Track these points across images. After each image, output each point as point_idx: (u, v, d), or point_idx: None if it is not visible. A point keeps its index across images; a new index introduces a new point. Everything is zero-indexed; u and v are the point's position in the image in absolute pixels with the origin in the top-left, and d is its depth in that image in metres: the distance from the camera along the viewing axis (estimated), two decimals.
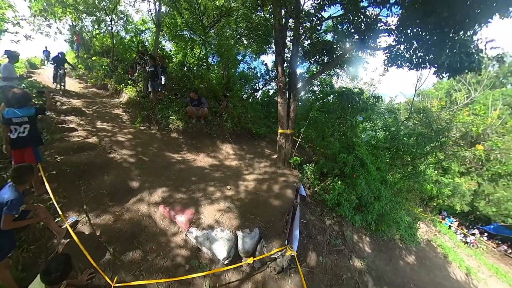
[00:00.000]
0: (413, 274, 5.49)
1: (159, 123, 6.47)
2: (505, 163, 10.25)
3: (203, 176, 4.36)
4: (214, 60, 11.39)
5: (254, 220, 2.92)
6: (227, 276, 2.88)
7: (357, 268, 3.69)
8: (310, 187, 4.83)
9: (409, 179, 7.16)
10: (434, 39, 3.67)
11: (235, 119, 6.40)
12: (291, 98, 4.59)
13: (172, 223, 3.35)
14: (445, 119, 10.56)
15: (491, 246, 12.52)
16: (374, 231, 5.10)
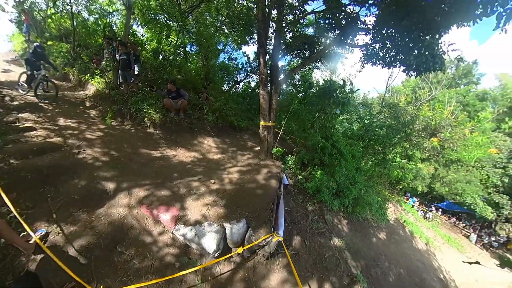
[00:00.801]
0: (384, 247, 6.25)
1: (133, 117, 6.04)
2: (455, 150, 11.91)
3: (185, 171, 4.26)
4: (192, 49, 10.69)
5: (241, 211, 3.00)
6: (218, 268, 2.94)
7: (337, 247, 4.06)
8: (292, 176, 5.06)
9: (380, 166, 8.00)
10: (405, 41, 4.05)
11: (216, 112, 6.26)
12: (273, 91, 4.66)
13: (157, 223, 3.25)
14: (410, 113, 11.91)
15: (444, 219, 14.78)
16: (351, 213, 5.62)
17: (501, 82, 18.93)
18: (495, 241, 13.23)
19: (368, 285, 4.07)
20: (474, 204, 12.23)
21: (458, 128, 11.93)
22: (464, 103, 16.09)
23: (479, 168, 13.29)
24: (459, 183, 12.54)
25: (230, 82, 12.07)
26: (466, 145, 11.75)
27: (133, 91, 6.49)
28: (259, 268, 2.91)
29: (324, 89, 5.28)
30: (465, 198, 12.41)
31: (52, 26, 10.88)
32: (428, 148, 12.27)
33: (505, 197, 12.35)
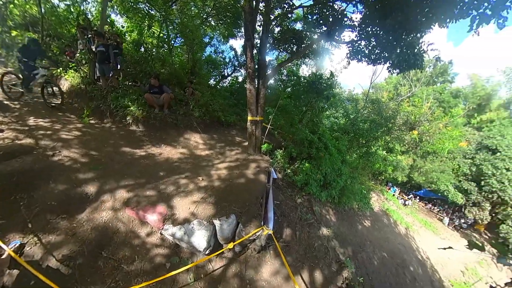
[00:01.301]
0: (369, 234, 6.63)
1: (113, 115, 5.69)
2: (431, 143, 12.82)
3: (172, 169, 4.15)
4: (177, 41, 10.12)
5: (230, 207, 2.99)
6: (210, 265, 2.94)
7: (326, 236, 4.23)
8: (281, 170, 5.13)
9: (363, 158, 8.41)
10: (389, 39, 4.21)
11: (203, 108, 6.09)
12: (261, 85, 4.63)
13: (144, 224, 3.14)
14: (392, 108, 12.60)
15: (421, 206, 16.01)
16: (338, 203, 5.86)
17: (472, 82, 20.67)
18: (464, 223, 14.66)
19: (355, 269, 4.32)
20: (447, 191, 13.32)
21: (434, 122, 12.83)
22: (440, 100, 17.30)
23: (451, 158, 14.46)
24: (434, 172, 13.57)
25: (217, 77, 11.70)
26: (441, 138, 12.70)
27: (113, 87, 6.07)
28: (251, 262, 2.95)
29: (310, 82, 5.35)
30: (439, 185, 13.48)
31: (16, 13, 9.71)
32: (407, 141, 13.11)
33: (473, 184, 13.60)
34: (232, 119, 6.58)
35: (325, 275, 3.41)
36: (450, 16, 3.33)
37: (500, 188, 12.41)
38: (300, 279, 3.08)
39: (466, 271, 10.07)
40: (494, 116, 17.76)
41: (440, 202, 16.29)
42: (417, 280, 6.78)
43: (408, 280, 6.39)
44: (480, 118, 18.43)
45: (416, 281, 6.71)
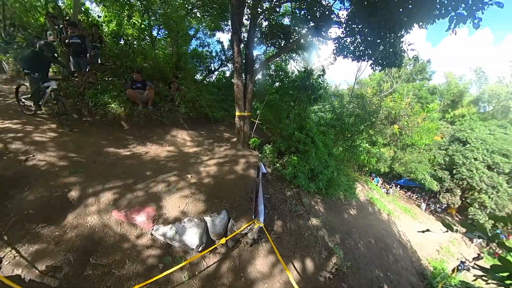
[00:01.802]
0: (355, 221, 6.99)
1: (92, 113, 5.36)
2: (410, 136, 13.74)
3: (159, 168, 4.04)
4: (160, 33, 9.53)
5: (220, 203, 3.01)
6: (204, 262, 2.95)
7: (315, 226, 4.41)
8: (270, 165, 5.20)
9: (349, 151, 8.77)
10: (374, 37, 4.39)
11: (189, 104, 5.92)
12: (248, 80, 4.60)
13: (133, 226, 3.05)
14: (375, 103, 13.21)
15: (401, 194, 17.21)
16: (325, 194, 6.10)
17: (447, 80, 22.25)
18: (438, 207, 16.08)
19: (343, 255, 4.57)
20: (424, 179, 14.46)
21: (413, 117, 13.71)
22: (419, 96, 18.45)
23: (428, 150, 15.69)
24: (413, 163, 14.64)
25: (203, 72, 11.28)
26: (419, 132, 13.65)
27: (91, 82, 5.69)
28: (245, 255, 3.01)
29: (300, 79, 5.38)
30: (417, 175, 14.58)
31: None
32: (389, 134, 13.91)
33: (446, 173, 14.87)
34: (220, 115, 6.48)
35: (316, 262, 3.58)
36: (431, 16, 3.56)
37: (469, 176, 13.70)
38: (292, 268, 3.21)
39: (441, 250, 11.07)
40: (465, 112, 19.46)
41: (418, 189, 17.62)
42: (399, 261, 7.32)
43: (391, 261, 6.87)
44: (453, 113, 20.10)
45: (398, 261, 7.23)
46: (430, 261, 9.31)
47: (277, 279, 2.92)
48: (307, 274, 3.29)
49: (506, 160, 13.21)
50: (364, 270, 5.07)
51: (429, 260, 9.35)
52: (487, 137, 14.35)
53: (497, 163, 13.30)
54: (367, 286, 4.63)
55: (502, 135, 14.53)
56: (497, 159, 13.35)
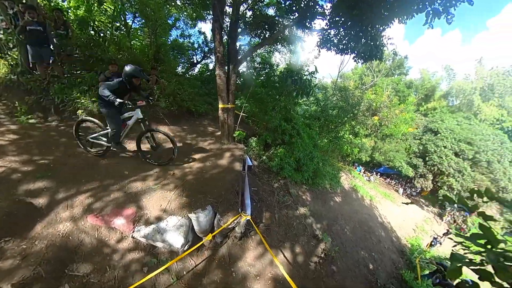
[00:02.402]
0: (340, 208, 7.24)
1: (60, 110, 4.82)
2: (389, 127, 14.53)
3: (138, 167, 3.77)
4: (136, 22, 8.63)
5: (205, 198, 2.87)
6: (192, 260, 2.81)
7: (303, 215, 4.46)
8: (257, 157, 5.13)
9: (333, 142, 9.01)
10: (356, 30, 4.47)
11: (169, 97, 5.56)
12: (231, 71, 4.42)
13: (112, 230, 2.83)
14: (357, 96, 13.68)
15: (381, 180, 18.28)
16: (312, 184, 6.20)
17: (421, 76, 23.85)
18: (414, 191, 17.49)
19: (331, 240, 4.71)
20: (401, 166, 15.53)
21: (392, 109, 14.45)
22: (397, 90, 19.51)
23: (404, 140, 16.84)
24: (391, 152, 15.57)
25: (185, 64, 10.48)
26: (397, 123, 14.48)
27: (55, 76, 5.06)
28: (234, 250, 2.93)
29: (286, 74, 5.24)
30: (395, 163, 15.62)
31: None
32: (370, 125, 14.56)
33: (420, 160, 16.09)
34: (203, 109, 6.17)
35: (305, 250, 3.62)
36: (410, 11, 3.74)
37: (439, 162, 14.95)
38: (282, 257, 3.20)
39: (416, 229, 11.99)
40: (436, 105, 21.15)
41: (396, 176, 18.86)
42: (381, 241, 7.75)
43: (374, 242, 7.25)
44: (426, 107, 21.76)
45: (381, 242, 7.66)
46: (408, 239, 10.02)
47: (268, 270, 2.89)
48: (297, 262, 3.32)
49: (470, 147, 14.60)
50: (351, 253, 5.29)
51: (407, 239, 10.06)
52: (455, 128, 15.73)
53: (462, 150, 14.64)
54: (354, 266, 4.83)
55: (467, 126, 16.00)
56: (462, 147, 14.69)
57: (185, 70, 10.05)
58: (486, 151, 14.39)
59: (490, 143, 14.67)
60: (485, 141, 14.70)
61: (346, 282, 4.02)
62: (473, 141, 14.76)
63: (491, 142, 14.75)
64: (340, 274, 4.07)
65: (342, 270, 4.21)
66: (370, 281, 4.74)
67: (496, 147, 14.62)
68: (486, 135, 15.09)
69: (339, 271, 4.10)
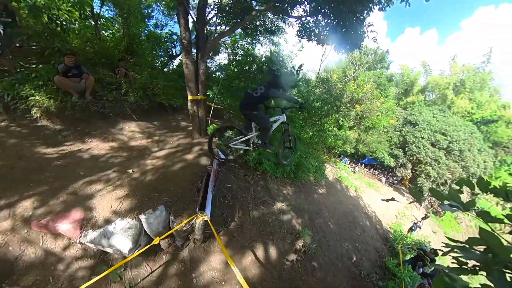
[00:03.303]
0: (324, 200, 7.02)
1: (10, 109, 4.18)
2: (371, 118, 14.72)
3: (96, 166, 3.28)
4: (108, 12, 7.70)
5: (159, 197, 2.47)
6: (147, 266, 2.42)
7: (281, 210, 4.13)
8: (233, 152, 4.73)
9: (317, 135, 8.78)
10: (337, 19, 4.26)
11: (139, 91, 5.00)
12: (200, 59, 3.96)
13: (58, 237, 2.43)
14: (340, 88, 13.63)
15: (366, 171, 18.57)
16: (294, 178, 5.90)
17: (401, 71, 24.44)
18: (395, 179, 17.95)
19: (313, 235, 4.43)
20: (383, 157, 15.93)
21: (373, 100, 14.61)
22: (378, 83, 19.81)
23: (386, 132, 17.29)
24: (374, 143, 15.89)
25: (164, 57, 9.49)
26: (379, 115, 14.69)
27: (4, 70, 4.39)
28: (197, 253, 2.55)
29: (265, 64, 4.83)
30: (378, 154, 15.99)
31: None
32: (353, 117, 14.64)
33: (400, 151, 16.58)
34: (178, 103, 5.60)
35: (281, 248, 3.31)
36: None
37: (417, 152, 15.57)
38: (253, 258, 2.86)
39: (398, 215, 12.19)
40: (415, 99, 22.04)
41: (379, 166, 19.26)
42: (366, 231, 7.65)
43: (359, 232, 7.12)
44: (406, 101, 22.61)
45: (365, 231, 7.56)
46: (391, 225, 10.09)
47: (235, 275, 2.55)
48: (270, 262, 2.99)
49: (444, 137, 15.38)
50: (334, 246, 5.07)
51: (390, 225, 10.13)
52: (431, 120, 16.51)
53: (438, 140, 15.35)
54: (337, 260, 4.61)
55: (442, 118, 16.80)
56: (438, 137, 15.41)
57: (163, 63, 9.05)
58: (458, 140, 15.12)
59: (462, 133, 15.43)
60: (458, 132, 15.45)
61: (328, 278, 3.77)
62: (447, 132, 15.49)
63: (463, 133, 15.51)
64: (322, 270, 3.82)
65: (324, 266, 3.96)
66: (353, 273, 4.54)
67: (467, 137, 15.40)
68: (458, 126, 15.87)
69: (321, 267, 3.85)
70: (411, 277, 4.87)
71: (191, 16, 4.12)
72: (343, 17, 4.20)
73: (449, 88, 20.98)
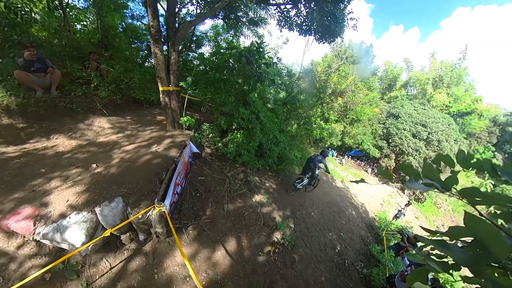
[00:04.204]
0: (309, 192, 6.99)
1: None
2: (354, 110, 14.97)
3: (59, 164, 3.04)
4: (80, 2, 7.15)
5: (118, 189, 2.29)
6: (107, 263, 2.26)
7: (259, 203, 4.02)
8: (211, 144, 4.58)
9: (302, 127, 8.74)
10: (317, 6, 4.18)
11: (111, 85, 4.69)
12: (170, 48, 3.73)
13: (11, 235, 2.25)
14: (323, 79, 13.66)
15: (352, 162, 18.96)
16: (277, 170, 5.82)
17: (385, 67, 25.00)
18: None
19: (293, 227, 4.36)
20: (368, 149, 16.32)
21: (356, 92, 14.81)
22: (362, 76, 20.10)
23: (370, 124, 17.64)
24: (359, 135, 16.23)
25: (144, 51, 8.68)
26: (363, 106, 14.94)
27: None
28: (161, 248, 2.40)
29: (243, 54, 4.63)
30: (363, 145, 16.34)
31: None
32: (337, 109, 14.80)
33: (384, 142, 17.04)
34: (155, 97, 5.34)
35: (255, 242, 3.19)
36: None
37: (400, 143, 16.12)
38: (224, 252, 2.75)
39: (383, 203, 12.51)
40: (398, 94, 22.82)
41: (365, 158, 19.68)
42: (351, 220, 7.71)
43: (344, 222, 7.14)
44: (390, 95, 23.39)
45: (350, 220, 7.61)
46: (376, 213, 10.31)
47: (203, 269, 2.43)
48: (243, 255, 2.88)
49: (424, 129, 16.07)
50: (317, 236, 5.00)
51: (375, 213, 10.35)
52: (412, 112, 17.18)
53: (418, 131, 15.99)
54: (320, 251, 4.50)
55: (422, 111, 17.51)
56: (418, 129, 16.04)
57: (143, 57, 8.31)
58: (437, 131, 15.83)
59: (440, 125, 16.17)
60: (436, 123, 16.18)
61: (309, 270, 3.68)
62: (427, 124, 16.16)
63: (441, 124, 16.27)
64: (303, 262, 3.72)
65: (305, 257, 3.87)
66: (337, 263, 4.47)
67: (444, 128, 16.19)
68: (437, 118, 16.61)
69: (302, 259, 3.75)
70: (394, 263, 4.92)
71: (160, 4, 3.86)
72: (323, 4, 4.10)
73: (429, 83, 21.89)
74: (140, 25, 8.38)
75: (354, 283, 4.10)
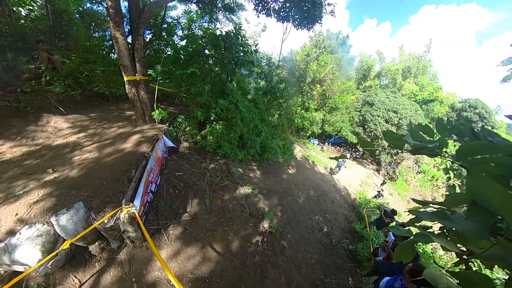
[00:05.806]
0: (293, 179, 7.08)
1: None
2: (332, 98, 15.47)
3: (5, 173, 2.54)
4: None
5: (78, 193, 1.98)
6: (75, 279, 1.97)
7: (243, 194, 3.90)
8: (189, 138, 4.28)
9: (284, 117, 8.71)
10: None
11: (67, 79, 4.05)
12: (134, 32, 3.27)
13: None
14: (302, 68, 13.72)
15: (333, 149, 20.04)
16: (260, 160, 5.73)
17: (361, 58, 26.17)
18: (358, 154, 19.76)
19: (280, 215, 4.35)
20: (346, 135, 17.49)
21: (335, 80, 15.26)
22: (340, 66, 20.76)
23: (348, 112, 18.64)
24: (338, 123, 17.17)
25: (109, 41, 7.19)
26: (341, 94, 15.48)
27: None
28: (139, 254, 2.18)
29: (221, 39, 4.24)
30: (342, 132, 17.44)
31: None
32: (316, 97, 15.20)
33: (361, 128, 18.26)
34: (122, 91, 4.71)
35: (242, 234, 3.10)
36: None
37: (374, 128, 17.51)
38: (209, 249, 2.60)
39: (362, 184, 13.36)
40: (372, 83, 24.58)
41: (344, 144, 20.89)
42: (335, 202, 8.06)
43: (328, 204, 7.42)
44: (365, 85, 25.05)
45: (334, 203, 7.95)
46: (357, 194, 10.97)
47: (188, 271, 2.27)
48: (230, 249, 2.77)
49: (395, 115, 17.70)
50: (304, 221, 5.09)
51: (356, 194, 11.01)
52: (385, 100, 18.71)
53: (390, 117, 17.57)
54: (308, 234, 4.58)
55: (393, 98, 19.12)
56: (390, 115, 17.58)
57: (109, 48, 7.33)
58: (406, 117, 17.41)
59: (409, 111, 17.84)
60: (405, 110, 17.80)
61: (299, 254, 3.71)
62: (397, 110, 17.72)
63: (409, 110, 17.95)
64: (292, 247, 3.75)
65: (294, 242, 3.90)
66: (325, 243, 4.60)
67: (412, 114, 17.95)
68: (406, 105, 18.29)
69: (291, 245, 3.78)
70: (376, 237, 5.26)
71: None
72: None
73: (398, 73, 23.78)
74: (102, 10, 7.25)
75: (342, 260, 4.29)
